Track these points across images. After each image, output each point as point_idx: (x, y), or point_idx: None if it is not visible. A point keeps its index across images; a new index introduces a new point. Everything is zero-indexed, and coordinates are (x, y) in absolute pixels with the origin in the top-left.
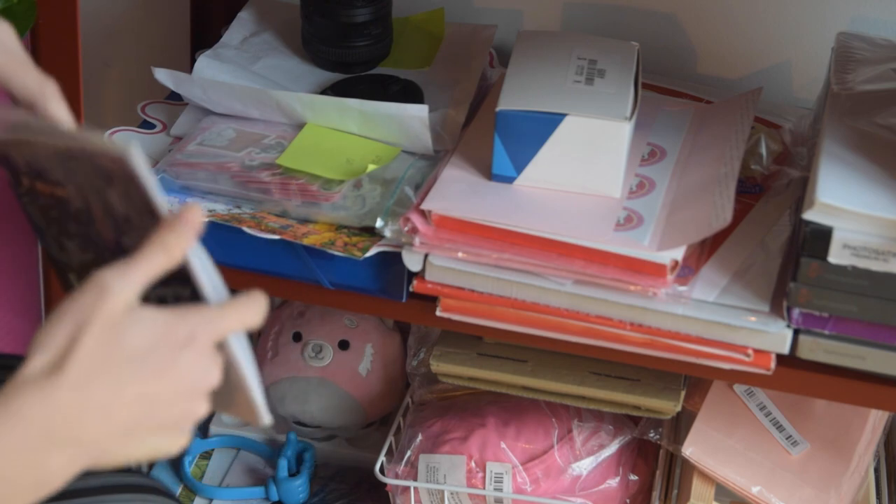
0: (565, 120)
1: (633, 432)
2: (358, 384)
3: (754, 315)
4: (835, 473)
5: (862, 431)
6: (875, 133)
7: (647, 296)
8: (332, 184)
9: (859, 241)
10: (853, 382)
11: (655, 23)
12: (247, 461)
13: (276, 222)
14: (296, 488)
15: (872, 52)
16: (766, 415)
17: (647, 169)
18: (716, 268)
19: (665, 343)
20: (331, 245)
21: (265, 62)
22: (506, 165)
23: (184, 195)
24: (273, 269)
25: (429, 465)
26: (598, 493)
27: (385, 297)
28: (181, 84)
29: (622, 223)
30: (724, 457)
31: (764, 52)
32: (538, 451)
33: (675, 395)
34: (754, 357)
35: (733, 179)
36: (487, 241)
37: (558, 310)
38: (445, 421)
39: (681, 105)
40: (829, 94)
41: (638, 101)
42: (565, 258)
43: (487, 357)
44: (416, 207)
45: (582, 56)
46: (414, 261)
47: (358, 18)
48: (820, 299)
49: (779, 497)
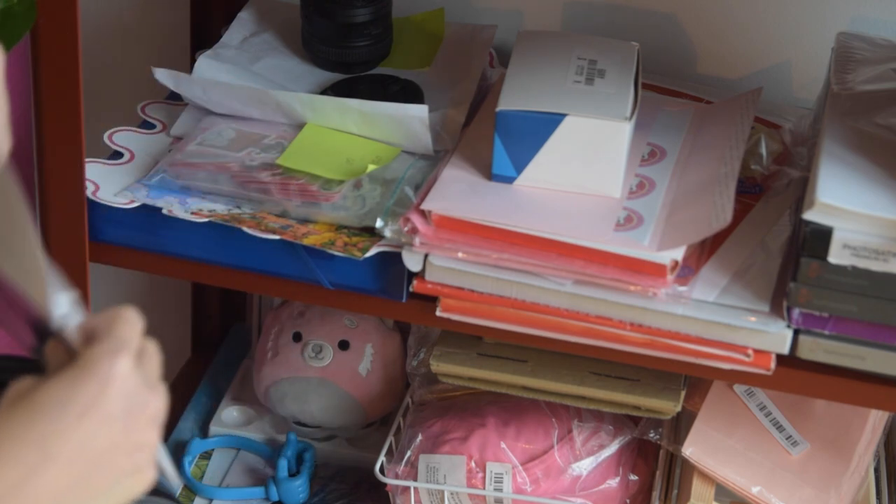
0: (565, 120)
1: (633, 432)
2: (358, 384)
3: (754, 315)
4: (835, 473)
5: (862, 431)
6: (875, 133)
7: (647, 296)
8: (332, 184)
9: (859, 241)
10: (853, 382)
11: (655, 23)
12: (247, 461)
13: (276, 222)
14: (296, 488)
15: (872, 52)
16: (766, 415)
17: (647, 169)
18: (716, 268)
19: (665, 343)
20: (331, 245)
21: (265, 62)
22: (506, 165)
23: (184, 195)
24: (273, 269)
25: (429, 466)
26: (598, 493)
27: (385, 297)
28: (181, 84)
29: (622, 223)
30: (724, 457)
31: (764, 52)
32: (538, 451)
33: (675, 395)
34: (754, 357)
35: (733, 179)
36: (487, 241)
37: (558, 310)
38: (445, 421)
39: (681, 105)
40: (829, 94)
41: (638, 101)
42: (565, 258)
43: (487, 357)
44: (416, 207)
45: (582, 56)
46: (414, 261)
47: (358, 18)
48: (820, 299)
49: (779, 497)
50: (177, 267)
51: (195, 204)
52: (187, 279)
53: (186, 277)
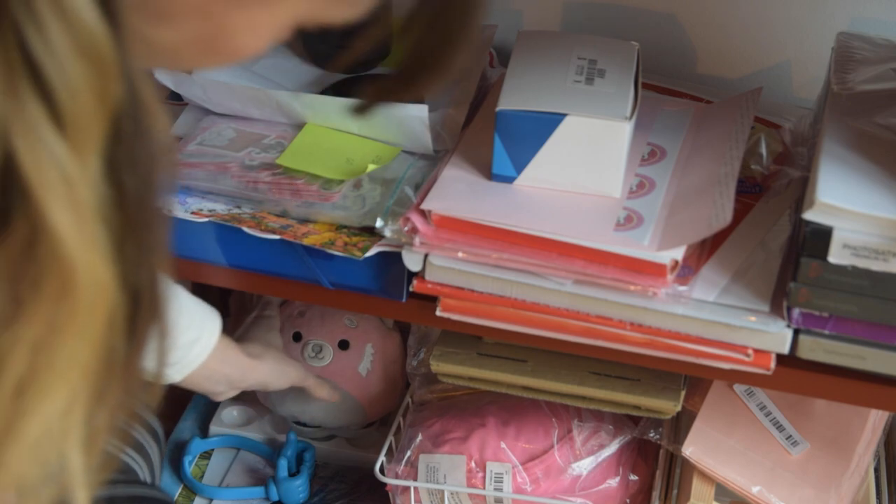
0: (565, 120)
1: (633, 432)
2: (358, 384)
3: (754, 315)
4: (835, 473)
5: (862, 431)
6: (875, 133)
7: (647, 296)
8: (332, 184)
9: (859, 241)
10: (853, 382)
11: (655, 23)
12: (247, 461)
13: (276, 222)
14: (296, 488)
15: (872, 52)
16: (766, 415)
17: (647, 169)
18: (716, 268)
19: (665, 343)
20: (331, 245)
21: (265, 62)
22: (506, 165)
23: (184, 195)
24: (273, 269)
25: (429, 465)
26: (598, 493)
27: (385, 297)
28: (181, 84)
29: (622, 223)
30: (724, 457)
31: (764, 52)
32: (538, 450)
33: (675, 395)
34: (754, 357)
35: (733, 179)
36: (487, 241)
37: (558, 310)
38: (445, 421)
39: (681, 105)
40: (829, 94)
41: (638, 101)
42: (565, 258)
43: (487, 357)
44: (416, 207)
45: (582, 56)
46: (414, 261)
47: None
48: (820, 299)
49: (779, 497)
50: (177, 267)
51: (195, 204)
52: (187, 279)
53: (186, 277)
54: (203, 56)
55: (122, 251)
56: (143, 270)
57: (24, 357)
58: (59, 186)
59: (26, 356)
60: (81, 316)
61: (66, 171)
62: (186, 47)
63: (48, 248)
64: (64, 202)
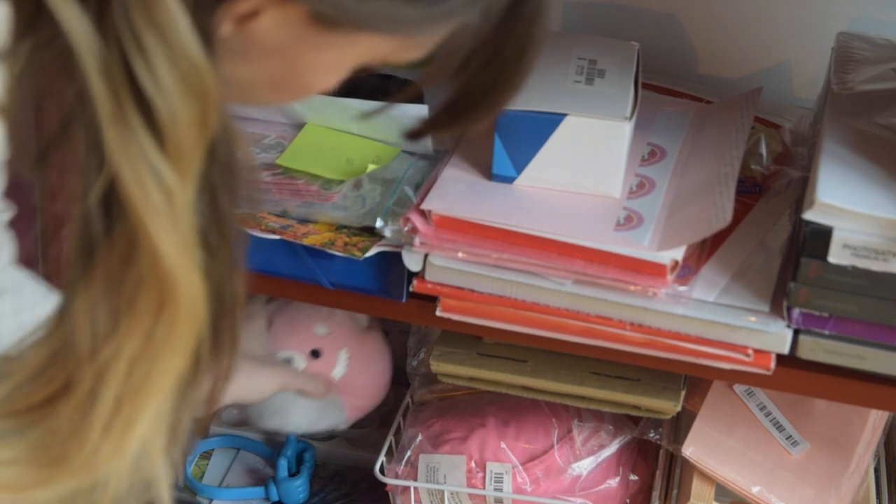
0: (565, 120)
1: (633, 432)
2: (335, 387)
3: (754, 315)
4: (835, 473)
5: (862, 431)
6: (875, 133)
7: (647, 296)
8: (332, 184)
9: (859, 241)
10: (853, 382)
11: (655, 23)
12: (247, 461)
13: (276, 222)
14: (296, 488)
15: (872, 52)
16: (766, 415)
17: (647, 169)
18: (716, 268)
19: (665, 343)
20: (331, 245)
21: None
22: (506, 165)
23: None
24: (273, 269)
25: (429, 465)
26: (598, 493)
27: (385, 297)
28: None
29: (622, 223)
30: (724, 457)
31: (764, 52)
32: (538, 451)
33: (675, 395)
34: (754, 357)
35: (733, 179)
36: (487, 241)
37: (558, 310)
38: (445, 421)
39: (681, 105)
40: (829, 94)
41: (638, 101)
42: (565, 258)
43: (487, 357)
44: (416, 207)
45: (582, 56)
46: (414, 261)
47: None
48: (820, 299)
49: (779, 497)
50: None
51: None
52: None
53: None
54: (274, 93)
55: (213, 266)
56: (228, 283)
57: (122, 371)
58: (162, 208)
59: (124, 370)
60: (179, 329)
61: (170, 194)
62: (261, 84)
63: (148, 265)
64: (167, 223)
